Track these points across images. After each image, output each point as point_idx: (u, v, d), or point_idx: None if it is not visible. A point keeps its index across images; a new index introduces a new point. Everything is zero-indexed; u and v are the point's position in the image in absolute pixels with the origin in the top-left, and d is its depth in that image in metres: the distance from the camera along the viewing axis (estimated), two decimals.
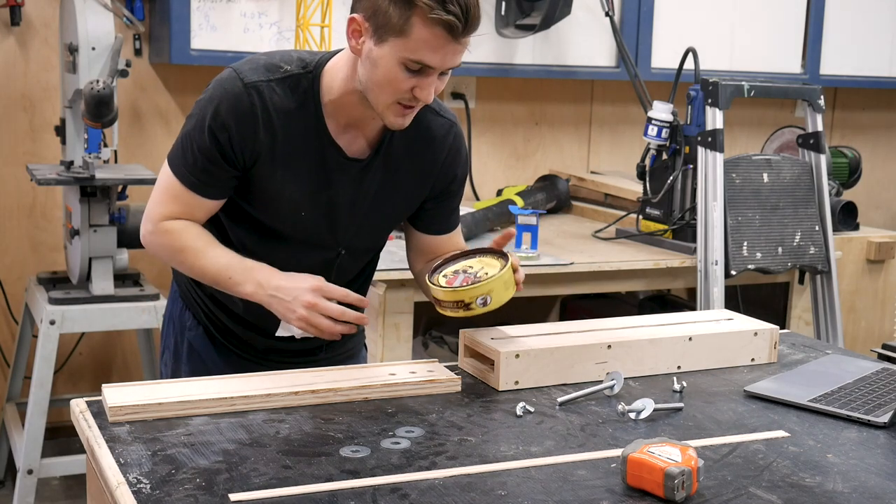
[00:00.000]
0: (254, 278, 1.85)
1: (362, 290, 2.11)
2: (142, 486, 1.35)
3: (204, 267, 1.89)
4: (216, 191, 1.90)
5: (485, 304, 1.75)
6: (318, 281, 1.82)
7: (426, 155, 1.96)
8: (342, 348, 2.13)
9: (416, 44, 1.70)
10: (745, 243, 3.41)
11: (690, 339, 1.94)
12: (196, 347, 2.08)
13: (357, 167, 1.91)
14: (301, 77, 1.86)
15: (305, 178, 1.89)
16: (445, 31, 1.69)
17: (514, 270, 1.83)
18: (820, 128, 3.58)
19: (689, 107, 3.46)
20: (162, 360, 2.17)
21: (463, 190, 2.08)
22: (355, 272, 2.07)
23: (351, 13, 1.78)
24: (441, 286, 1.80)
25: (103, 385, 1.67)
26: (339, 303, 1.82)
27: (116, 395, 1.63)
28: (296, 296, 1.80)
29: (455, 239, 2.10)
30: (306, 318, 1.79)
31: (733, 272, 3.36)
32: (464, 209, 3.72)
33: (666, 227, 3.55)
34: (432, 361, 1.88)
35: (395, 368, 1.84)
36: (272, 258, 1.93)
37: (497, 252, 1.88)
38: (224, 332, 2.07)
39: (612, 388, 1.78)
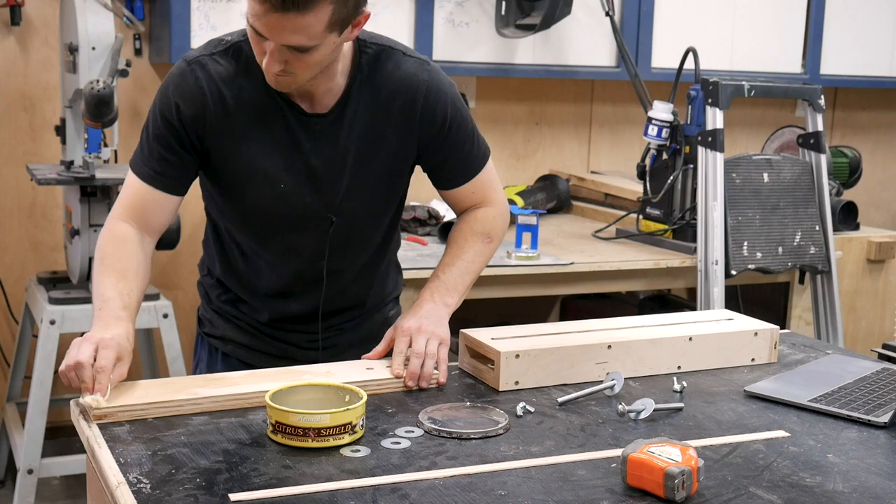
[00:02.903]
0: (102, 320, 1.74)
1: (384, 278, 2.08)
2: (142, 485, 1.35)
3: (98, 284, 1.80)
4: (172, 182, 1.87)
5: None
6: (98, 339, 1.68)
7: (400, 102, 1.88)
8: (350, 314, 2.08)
9: (249, 8, 1.69)
10: (746, 243, 3.41)
11: (690, 339, 1.94)
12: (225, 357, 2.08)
13: (323, 123, 1.86)
14: (242, 44, 1.85)
15: (272, 146, 1.85)
16: (260, 2, 1.64)
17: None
18: (820, 127, 3.58)
19: (690, 106, 3.46)
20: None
21: (465, 130, 1.96)
22: (357, 248, 2.00)
23: None
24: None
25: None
26: None
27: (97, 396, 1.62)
28: (83, 339, 1.69)
29: (485, 179, 2.01)
30: (72, 345, 1.69)
31: (733, 272, 3.36)
32: None
33: (666, 226, 3.55)
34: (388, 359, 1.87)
35: (373, 363, 1.84)
36: (268, 249, 1.92)
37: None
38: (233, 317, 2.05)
39: (612, 388, 1.78)
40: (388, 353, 1.86)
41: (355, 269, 2.03)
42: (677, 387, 1.81)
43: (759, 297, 3.87)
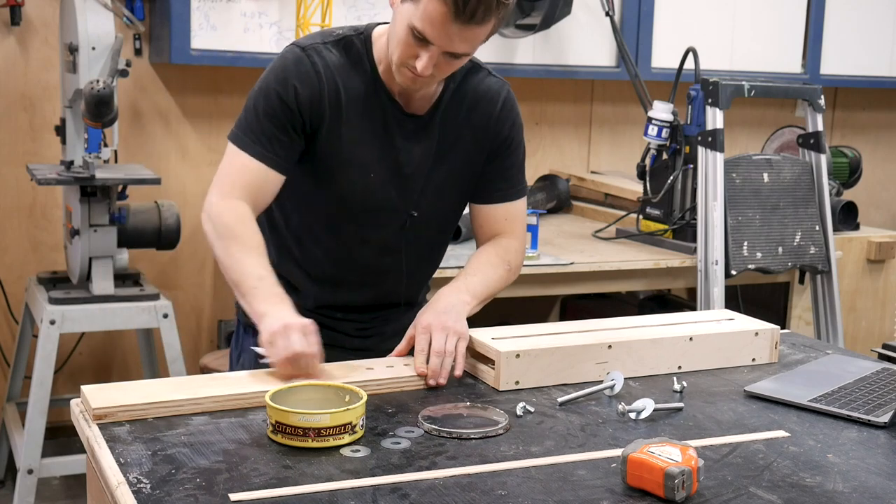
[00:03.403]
0: (270, 299, 1.79)
1: (436, 268, 2.16)
2: (142, 485, 1.35)
3: (241, 262, 1.83)
4: (282, 162, 1.90)
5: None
6: (301, 324, 1.75)
7: (480, 111, 2.01)
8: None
9: (423, 14, 1.76)
10: (746, 243, 3.41)
11: (691, 339, 1.94)
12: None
13: (417, 124, 1.96)
14: (353, 38, 1.95)
15: (370, 137, 1.93)
16: (446, 9, 1.73)
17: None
18: (820, 127, 3.58)
19: (690, 106, 3.46)
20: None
21: (520, 154, 2.07)
22: (424, 247, 2.07)
23: None
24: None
25: (82, 386, 1.67)
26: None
27: (97, 395, 1.62)
28: (280, 321, 1.73)
29: (519, 211, 2.09)
30: (275, 332, 1.71)
31: (733, 272, 3.36)
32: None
33: (666, 226, 3.55)
34: (408, 357, 1.88)
35: (372, 362, 1.84)
36: (338, 237, 1.98)
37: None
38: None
39: (612, 388, 1.77)
40: (411, 351, 1.88)
41: (416, 266, 2.10)
42: (677, 387, 1.81)
43: (759, 297, 3.87)
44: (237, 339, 2.18)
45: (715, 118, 3.37)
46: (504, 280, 2.06)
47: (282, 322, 1.72)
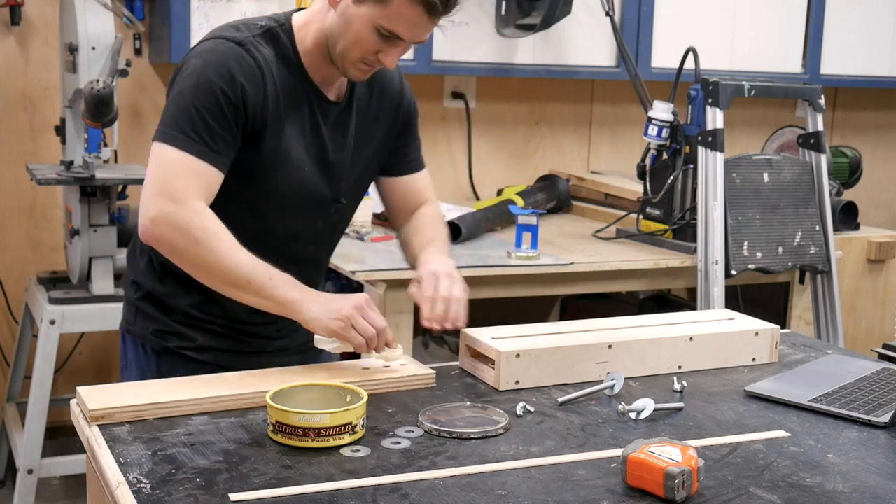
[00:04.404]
0: (295, 285, 1.78)
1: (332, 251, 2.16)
2: (142, 485, 1.35)
3: (238, 261, 1.76)
4: (224, 160, 1.82)
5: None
6: (364, 299, 1.80)
7: (386, 91, 2.02)
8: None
9: (394, 15, 1.76)
10: (746, 243, 3.41)
11: (691, 338, 1.94)
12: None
13: (337, 110, 1.95)
14: (277, 29, 1.91)
15: (301, 129, 1.91)
16: (424, 10, 1.76)
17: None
18: (820, 127, 3.58)
19: (690, 106, 3.46)
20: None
21: (418, 124, 2.13)
22: (340, 233, 2.10)
23: None
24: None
25: (78, 387, 1.67)
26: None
27: (94, 396, 1.62)
28: (343, 303, 1.76)
29: (428, 178, 2.15)
30: (350, 317, 1.74)
31: (734, 272, 3.36)
32: (464, 209, 3.73)
33: (666, 226, 3.55)
34: (404, 356, 1.89)
35: (368, 362, 1.84)
36: (269, 232, 1.93)
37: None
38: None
39: (612, 388, 1.77)
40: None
41: (328, 253, 2.12)
42: (677, 387, 1.81)
43: (759, 297, 3.87)
44: (125, 353, 2.03)
45: (715, 118, 3.37)
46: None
47: (346, 304, 1.75)
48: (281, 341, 2.05)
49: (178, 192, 1.77)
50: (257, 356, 1.99)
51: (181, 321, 1.96)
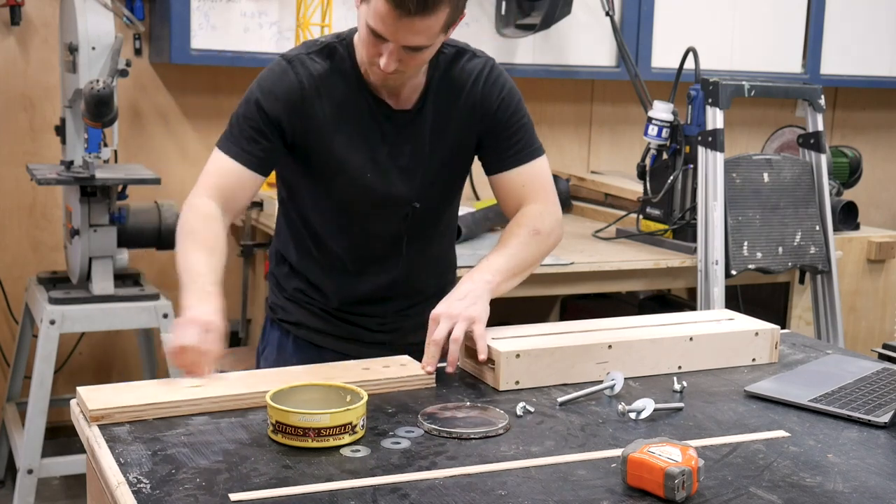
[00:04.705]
0: (201, 295, 1.77)
1: (445, 266, 2.20)
2: (142, 485, 1.35)
3: (188, 258, 1.85)
4: (259, 161, 1.95)
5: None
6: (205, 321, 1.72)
7: (466, 94, 2.02)
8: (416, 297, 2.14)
9: (373, 12, 1.80)
10: (746, 243, 3.41)
11: (691, 339, 1.94)
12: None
13: (407, 118, 1.99)
14: (336, 45, 1.99)
15: (361, 139, 1.97)
16: (393, 7, 1.76)
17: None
18: (820, 127, 3.58)
19: (690, 106, 3.46)
20: (262, 356, 2.22)
21: (520, 118, 2.06)
22: (430, 234, 2.12)
23: None
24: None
25: (78, 387, 1.67)
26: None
27: (94, 396, 1.62)
28: (192, 314, 1.72)
29: (536, 173, 2.08)
30: (186, 322, 1.70)
31: (734, 272, 3.36)
32: (463, 209, 3.72)
33: (666, 226, 3.55)
34: (404, 356, 1.88)
35: (368, 363, 1.84)
36: (348, 236, 2.04)
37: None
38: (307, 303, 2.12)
39: (612, 388, 1.77)
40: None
41: (426, 253, 2.14)
42: (677, 387, 1.80)
43: (759, 297, 3.87)
44: (263, 333, 2.24)
45: (715, 118, 3.37)
46: (536, 247, 2.04)
47: (189, 318, 1.71)
48: (382, 335, 2.13)
49: (199, 189, 1.96)
50: (353, 343, 2.10)
51: (289, 297, 2.15)
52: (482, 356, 1.80)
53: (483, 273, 1.94)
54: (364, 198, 2.01)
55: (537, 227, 2.04)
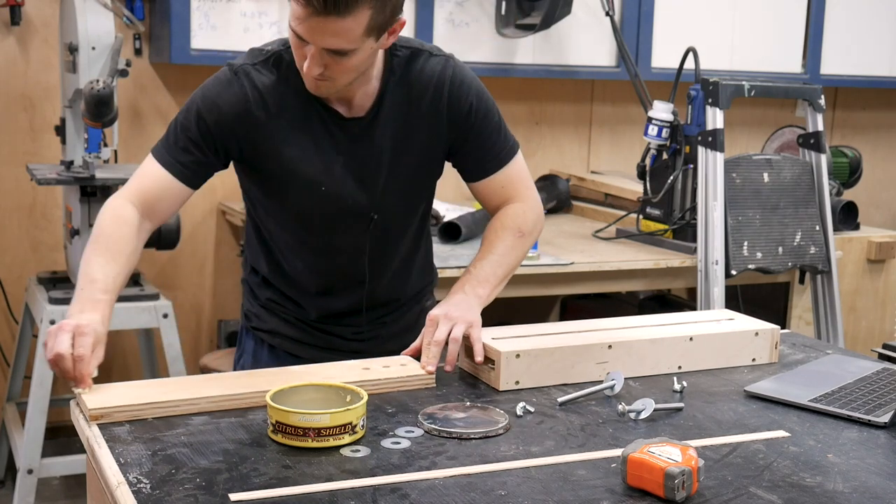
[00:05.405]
0: (86, 303, 1.79)
1: (420, 270, 2.14)
2: (142, 485, 1.35)
3: (88, 262, 1.82)
4: (189, 173, 1.90)
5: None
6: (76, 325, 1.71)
7: (428, 98, 1.96)
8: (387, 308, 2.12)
9: (292, 12, 1.76)
10: (746, 243, 3.41)
11: (691, 339, 1.94)
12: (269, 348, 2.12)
13: (360, 126, 1.93)
14: (283, 53, 1.91)
15: (313, 150, 1.92)
16: (303, 6, 1.71)
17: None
18: (820, 127, 3.58)
19: (690, 106, 3.46)
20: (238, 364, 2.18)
21: (491, 120, 2.01)
22: (396, 242, 2.06)
23: None
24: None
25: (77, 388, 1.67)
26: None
27: (93, 396, 1.62)
28: (67, 321, 1.72)
29: (513, 173, 2.05)
30: (55, 330, 1.70)
31: (734, 272, 3.36)
32: (463, 209, 3.73)
33: (666, 226, 3.55)
34: (404, 356, 1.88)
35: (368, 362, 1.84)
36: (310, 249, 1.99)
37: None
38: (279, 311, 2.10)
39: (612, 388, 1.77)
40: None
41: (394, 262, 2.09)
42: (677, 387, 1.80)
43: (759, 297, 3.87)
44: (240, 341, 2.19)
45: (715, 118, 3.37)
46: (520, 247, 2.03)
47: (62, 324, 1.68)
48: (357, 344, 2.09)
49: (124, 191, 1.92)
50: (330, 352, 2.05)
51: (263, 305, 2.11)
52: (479, 358, 1.80)
53: (475, 286, 1.93)
54: (322, 209, 1.96)
55: (521, 227, 2.04)
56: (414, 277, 2.15)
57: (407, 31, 4.12)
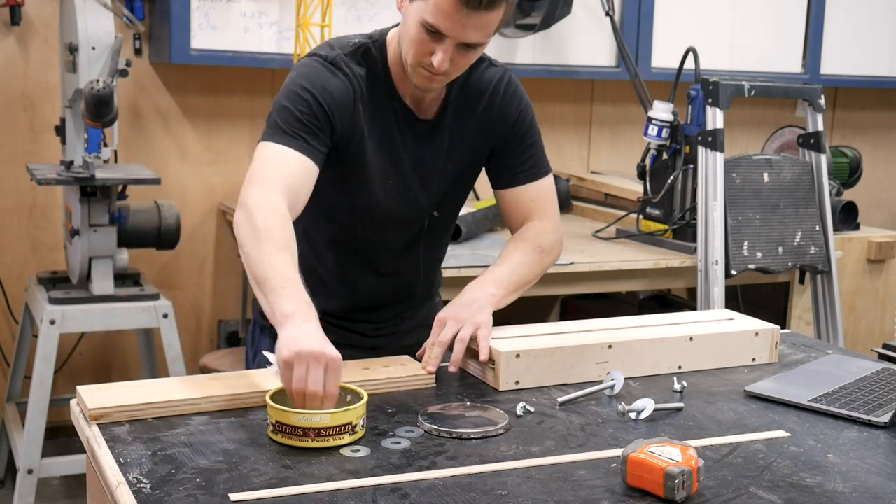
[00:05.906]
0: (299, 303, 1.63)
1: (438, 273, 2.19)
2: (142, 485, 1.35)
3: (268, 260, 1.68)
4: (319, 153, 1.85)
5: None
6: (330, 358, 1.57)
7: (483, 103, 2.01)
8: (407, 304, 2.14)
9: (432, 7, 1.76)
10: (746, 243, 3.41)
11: (691, 339, 1.94)
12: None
13: (427, 128, 1.98)
14: (369, 46, 1.95)
15: (387, 145, 1.95)
16: (460, 0, 1.73)
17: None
18: (820, 127, 3.58)
19: (690, 106, 3.46)
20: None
21: (532, 134, 2.07)
22: (442, 242, 2.13)
23: None
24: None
25: (78, 387, 1.67)
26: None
27: (93, 396, 1.62)
28: (307, 343, 1.56)
29: (542, 190, 2.09)
30: (297, 357, 1.54)
31: (734, 272, 3.36)
32: (464, 209, 3.72)
33: (666, 226, 3.55)
34: (404, 356, 1.89)
35: (368, 363, 1.84)
36: (359, 243, 2.01)
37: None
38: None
39: (612, 388, 1.77)
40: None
41: (432, 261, 2.13)
42: (677, 387, 1.80)
43: (759, 297, 3.87)
44: (252, 340, 2.18)
45: (715, 118, 3.37)
46: (538, 264, 2.05)
47: (307, 347, 1.54)
48: (377, 339, 2.10)
49: (264, 183, 1.78)
50: (348, 349, 1.91)
51: None
52: (483, 356, 1.80)
53: (488, 286, 1.94)
54: (384, 206, 1.98)
55: (542, 244, 2.06)
56: (436, 273, 2.21)
57: None
